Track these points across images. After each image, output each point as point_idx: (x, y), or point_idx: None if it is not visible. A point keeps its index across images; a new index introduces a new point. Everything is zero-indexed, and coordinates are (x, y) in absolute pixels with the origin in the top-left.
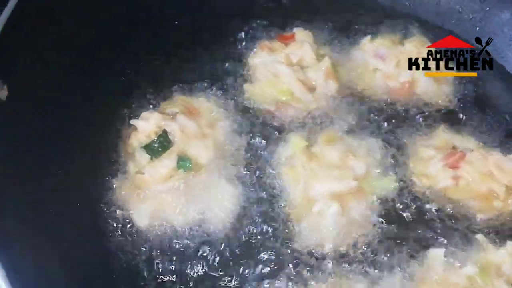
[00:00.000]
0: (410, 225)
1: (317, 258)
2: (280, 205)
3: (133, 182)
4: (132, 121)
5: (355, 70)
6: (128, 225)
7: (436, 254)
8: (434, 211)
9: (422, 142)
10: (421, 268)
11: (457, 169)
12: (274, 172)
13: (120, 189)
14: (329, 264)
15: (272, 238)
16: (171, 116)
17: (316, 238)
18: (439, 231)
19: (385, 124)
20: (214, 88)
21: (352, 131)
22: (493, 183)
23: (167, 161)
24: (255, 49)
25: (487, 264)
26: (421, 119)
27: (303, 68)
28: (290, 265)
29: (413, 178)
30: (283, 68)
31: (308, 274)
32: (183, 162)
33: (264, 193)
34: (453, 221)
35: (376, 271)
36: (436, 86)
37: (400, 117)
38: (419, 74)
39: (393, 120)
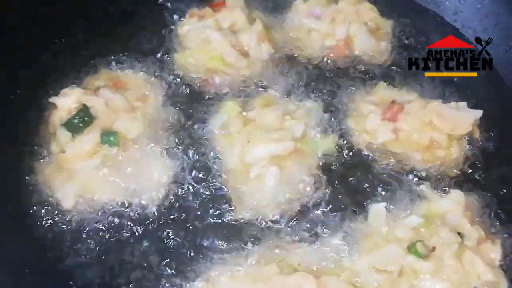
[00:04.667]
0: (352, 182)
1: (258, 225)
2: (216, 174)
3: (56, 163)
4: (51, 99)
5: (289, 32)
6: (53, 207)
7: (377, 208)
8: (375, 166)
9: (361, 99)
10: (364, 224)
11: (396, 122)
12: (208, 141)
13: (44, 171)
14: (271, 230)
15: (209, 210)
16: (95, 91)
17: (256, 204)
18: (382, 185)
19: (323, 84)
20: (142, 60)
21: (289, 94)
22: (434, 132)
23: (90, 137)
24: (184, 17)
25: (431, 214)
26: (360, 77)
27: (235, 33)
28: (230, 235)
29: (353, 135)
30: (213, 33)
31: (250, 242)
32: (106, 137)
33: (198, 163)
34: (396, 175)
35: (319, 231)
36: (374, 42)
37: (339, 76)
38: (356, 31)
39: (331, 80)
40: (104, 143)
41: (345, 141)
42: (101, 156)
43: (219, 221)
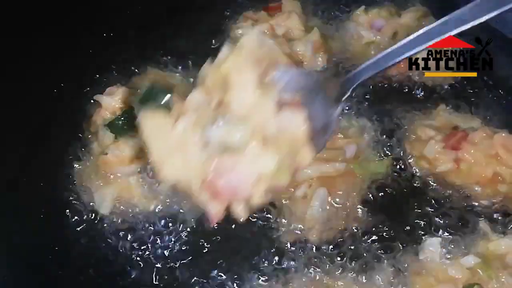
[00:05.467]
0: (405, 211)
1: (301, 248)
2: None
3: (96, 164)
4: (96, 97)
5: (347, 43)
6: (90, 212)
7: (432, 243)
8: (431, 196)
9: (420, 122)
10: (415, 259)
11: (459, 150)
12: None
13: (82, 173)
14: (314, 254)
15: (252, 228)
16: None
17: (300, 225)
18: (436, 218)
19: (379, 102)
20: (191, 63)
21: (342, 110)
22: (499, 165)
23: (134, 141)
24: (237, 20)
25: (490, 254)
26: (419, 97)
27: (289, 40)
28: (271, 255)
29: (410, 160)
30: (267, 40)
31: (292, 265)
32: None
33: None
34: (453, 208)
35: (367, 262)
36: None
37: (397, 95)
38: None
39: (388, 98)
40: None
41: (400, 166)
42: (144, 161)
43: (262, 241)
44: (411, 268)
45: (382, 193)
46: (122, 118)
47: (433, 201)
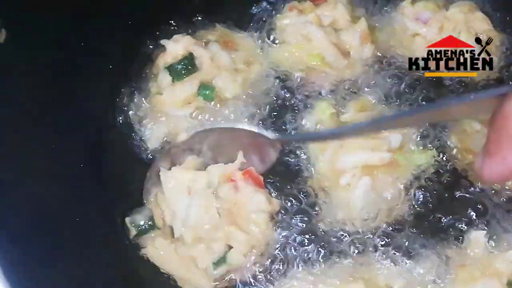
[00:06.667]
0: (449, 204)
1: (343, 237)
2: (303, 175)
3: (151, 102)
4: (162, 41)
5: (393, 34)
6: (138, 144)
7: (476, 236)
8: (477, 189)
9: None
10: (460, 252)
11: None
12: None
13: (137, 108)
14: (356, 244)
15: (293, 213)
16: (205, 43)
17: (343, 214)
18: (482, 211)
19: (425, 93)
20: (256, 28)
21: (387, 100)
22: None
23: (189, 86)
24: (282, 10)
25: None
26: (464, 91)
27: (336, 30)
28: (312, 244)
29: (455, 153)
30: (315, 30)
31: (333, 254)
32: (203, 89)
33: (285, 160)
34: (499, 201)
35: (408, 251)
36: (482, 56)
37: (442, 86)
38: (464, 39)
39: (433, 89)
40: (200, 95)
41: (445, 158)
42: (194, 107)
43: (303, 226)
44: (455, 259)
45: (426, 184)
46: (182, 63)
47: (478, 194)
